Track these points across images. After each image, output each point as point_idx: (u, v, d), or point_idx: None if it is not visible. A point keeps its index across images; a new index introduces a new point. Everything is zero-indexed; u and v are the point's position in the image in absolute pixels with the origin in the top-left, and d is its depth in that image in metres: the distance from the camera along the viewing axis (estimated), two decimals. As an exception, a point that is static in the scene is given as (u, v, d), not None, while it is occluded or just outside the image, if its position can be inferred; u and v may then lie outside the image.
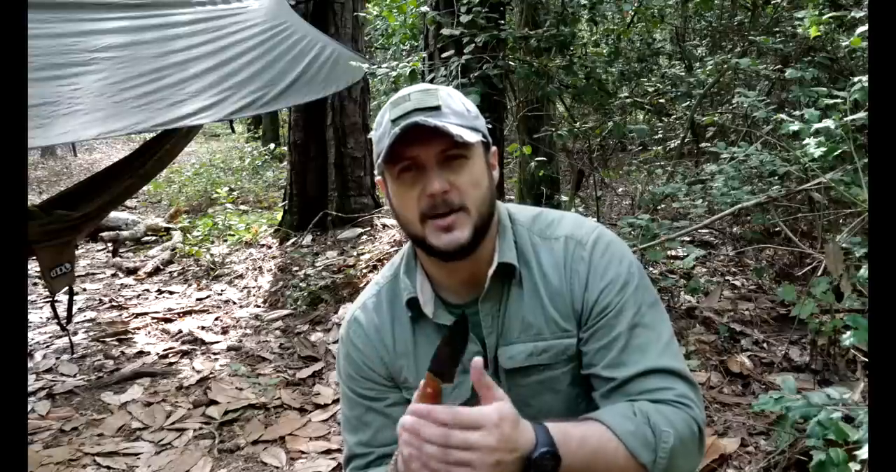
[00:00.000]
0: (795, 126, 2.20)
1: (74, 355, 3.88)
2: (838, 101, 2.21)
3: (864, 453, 1.37)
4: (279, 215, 6.23)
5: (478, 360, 0.89)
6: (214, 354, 3.84)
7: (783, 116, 2.37)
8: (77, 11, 3.55)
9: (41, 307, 4.80)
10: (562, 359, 1.09)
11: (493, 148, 1.12)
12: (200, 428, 2.96)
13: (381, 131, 1.04)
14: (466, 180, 1.02)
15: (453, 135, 0.97)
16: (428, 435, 0.84)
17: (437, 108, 1.01)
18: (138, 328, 4.36)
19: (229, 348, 3.89)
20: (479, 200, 1.03)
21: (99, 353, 3.94)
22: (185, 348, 3.94)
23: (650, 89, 5.25)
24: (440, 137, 0.99)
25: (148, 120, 3.13)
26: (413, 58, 3.76)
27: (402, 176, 1.03)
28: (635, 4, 5.18)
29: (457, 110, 1.03)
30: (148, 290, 5.34)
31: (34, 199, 6.79)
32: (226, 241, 6.16)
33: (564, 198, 4.23)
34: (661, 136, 5.34)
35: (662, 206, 3.86)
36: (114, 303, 4.99)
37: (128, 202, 8.13)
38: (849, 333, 1.80)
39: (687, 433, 0.99)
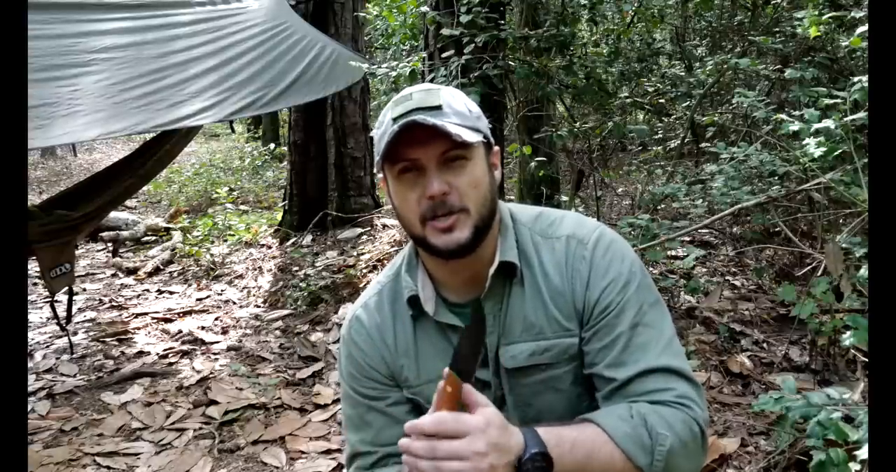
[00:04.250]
0: (795, 126, 2.20)
1: (74, 355, 3.88)
2: (838, 101, 2.21)
3: (864, 453, 1.37)
4: (279, 215, 6.23)
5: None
6: (214, 354, 3.84)
7: (783, 116, 2.36)
8: (77, 12, 3.55)
9: (41, 307, 4.80)
10: (563, 358, 1.10)
11: (496, 148, 1.12)
12: (200, 428, 2.96)
13: (382, 130, 1.04)
14: (466, 182, 1.02)
15: (451, 134, 0.97)
16: (416, 450, 0.86)
17: (439, 107, 1.01)
18: (138, 328, 4.36)
19: (229, 348, 3.89)
20: (480, 202, 1.03)
21: (99, 353, 3.94)
22: (185, 348, 3.94)
23: (650, 89, 5.25)
24: (440, 138, 0.99)
25: (148, 121, 3.13)
26: (413, 58, 3.76)
27: (402, 176, 1.03)
28: (635, 4, 5.18)
29: (458, 110, 1.03)
30: (148, 290, 5.34)
31: (34, 199, 6.79)
32: (226, 241, 6.16)
33: (564, 198, 4.23)
34: (661, 136, 5.34)
35: (662, 206, 3.86)
36: (114, 303, 4.99)
37: (128, 202, 8.12)
38: (849, 333, 1.80)
39: (687, 435, 0.99)
